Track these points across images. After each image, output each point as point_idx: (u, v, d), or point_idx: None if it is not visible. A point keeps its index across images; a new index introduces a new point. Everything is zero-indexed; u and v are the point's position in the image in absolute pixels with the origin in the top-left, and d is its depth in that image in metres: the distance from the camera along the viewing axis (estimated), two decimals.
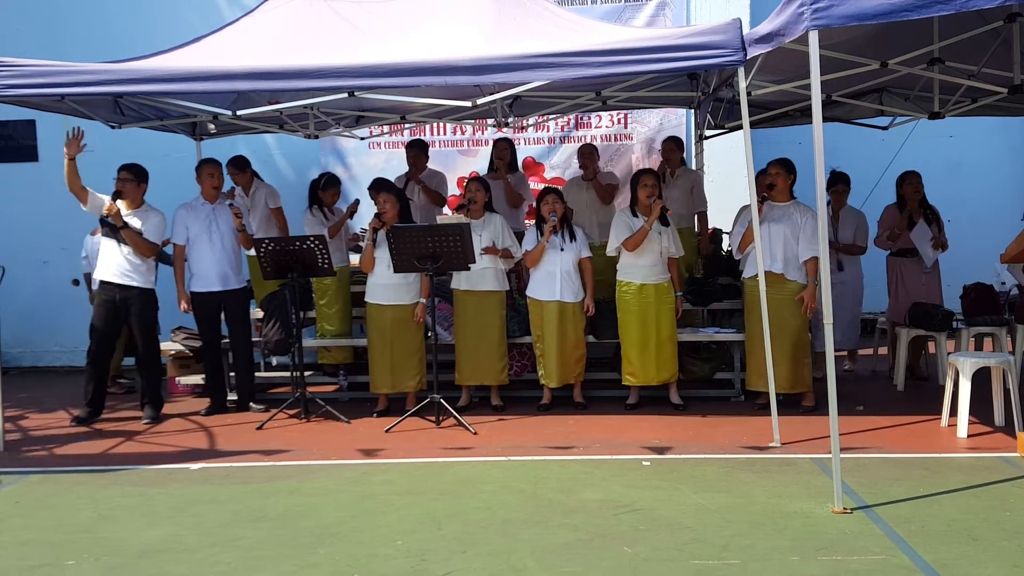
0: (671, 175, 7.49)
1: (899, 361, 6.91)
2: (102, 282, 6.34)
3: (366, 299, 6.36)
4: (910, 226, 6.93)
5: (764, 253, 5.91)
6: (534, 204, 8.29)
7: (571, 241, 6.28)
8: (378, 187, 6.69)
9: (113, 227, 6.23)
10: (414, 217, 6.78)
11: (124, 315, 6.33)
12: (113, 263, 6.27)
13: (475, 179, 6.67)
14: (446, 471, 4.95)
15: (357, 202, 7.26)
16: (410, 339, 6.28)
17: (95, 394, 6.47)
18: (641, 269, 6.18)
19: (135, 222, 6.24)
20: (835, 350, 4.38)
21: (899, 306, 7.08)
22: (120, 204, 6.22)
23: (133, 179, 6.28)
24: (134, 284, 6.27)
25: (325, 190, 7.14)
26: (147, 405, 6.49)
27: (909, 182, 6.99)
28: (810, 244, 5.90)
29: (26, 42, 8.43)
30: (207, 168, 6.54)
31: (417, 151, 7.63)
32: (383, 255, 6.13)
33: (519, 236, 6.64)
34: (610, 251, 6.27)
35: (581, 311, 6.33)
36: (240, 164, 7.21)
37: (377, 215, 6.19)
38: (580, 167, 7.59)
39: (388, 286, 6.22)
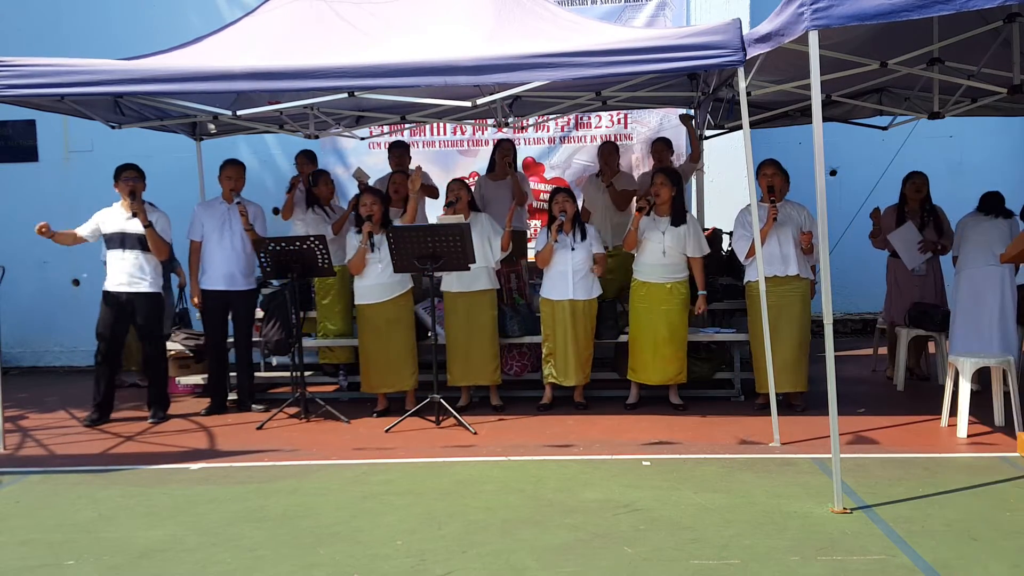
0: None
1: (899, 361, 6.90)
2: (107, 291, 6.33)
3: (356, 302, 6.37)
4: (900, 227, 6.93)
5: (775, 257, 5.92)
6: (534, 204, 8.34)
7: (582, 240, 6.27)
8: (363, 187, 6.76)
9: (119, 235, 6.25)
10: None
11: (131, 316, 6.32)
12: (121, 271, 6.28)
13: (456, 180, 6.61)
14: (446, 471, 4.95)
15: (357, 196, 7.26)
16: (404, 336, 6.28)
17: (104, 395, 6.45)
18: (644, 268, 6.20)
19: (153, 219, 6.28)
20: None
21: (893, 306, 7.08)
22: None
23: (141, 177, 6.30)
24: (142, 289, 6.28)
25: (316, 185, 7.17)
26: (153, 405, 6.49)
27: (912, 181, 6.99)
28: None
29: (26, 42, 8.44)
30: (225, 171, 6.60)
31: (401, 151, 7.62)
32: (377, 256, 6.15)
33: (522, 234, 6.60)
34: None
35: (593, 310, 6.33)
36: (311, 156, 7.54)
37: (368, 218, 6.18)
38: (600, 166, 7.59)
39: (378, 286, 6.22)
